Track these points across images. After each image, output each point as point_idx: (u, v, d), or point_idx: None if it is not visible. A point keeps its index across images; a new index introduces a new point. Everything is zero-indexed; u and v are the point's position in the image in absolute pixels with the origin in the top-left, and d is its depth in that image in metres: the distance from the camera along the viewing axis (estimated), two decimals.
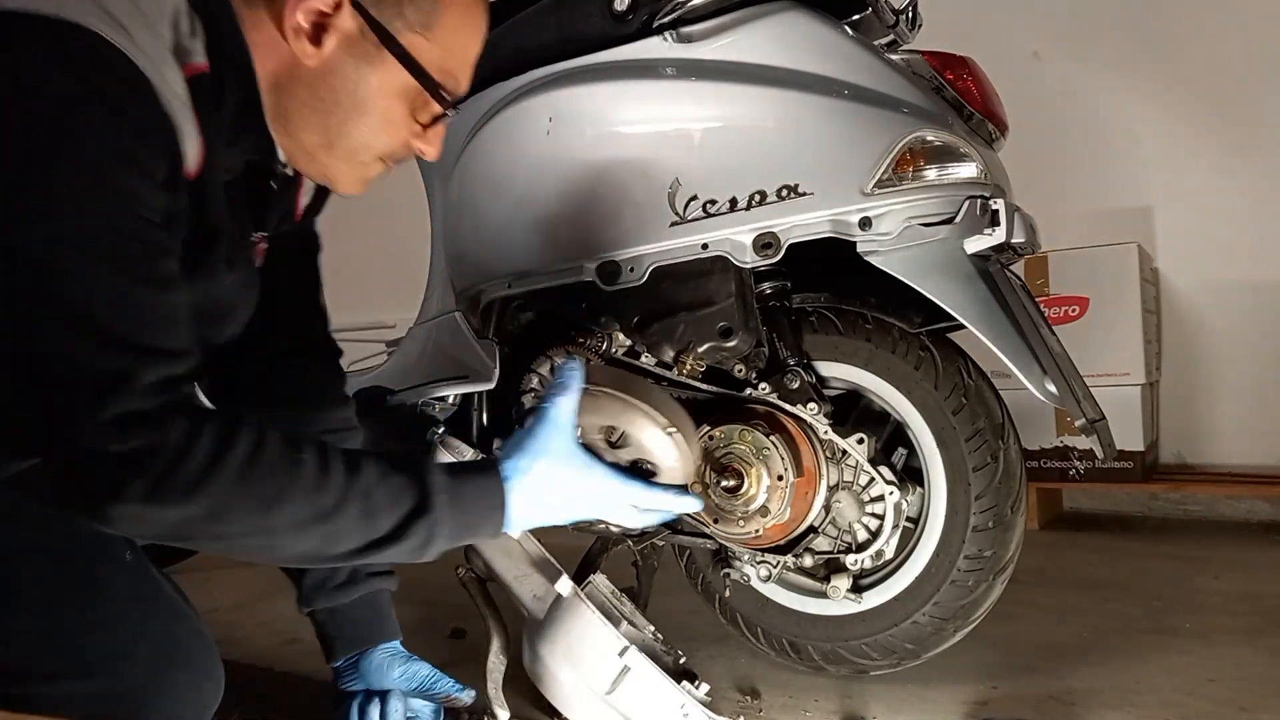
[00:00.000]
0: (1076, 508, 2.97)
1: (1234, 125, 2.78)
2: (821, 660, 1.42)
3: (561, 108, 1.34)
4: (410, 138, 0.95)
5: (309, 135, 0.92)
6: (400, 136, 0.95)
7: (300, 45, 0.86)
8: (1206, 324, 2.85)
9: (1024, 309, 1.26)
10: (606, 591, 1.34)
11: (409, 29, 0.88)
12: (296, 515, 0.81)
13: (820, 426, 1.31)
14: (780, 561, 1.37)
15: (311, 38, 0.87)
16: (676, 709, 1.15)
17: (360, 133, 0.92)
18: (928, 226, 1.23)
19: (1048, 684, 1.41)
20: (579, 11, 1.37)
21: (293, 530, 0.81)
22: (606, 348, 1.43)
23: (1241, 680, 1.41)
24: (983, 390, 1.33)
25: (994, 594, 1.33)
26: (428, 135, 0.96)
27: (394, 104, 0.92)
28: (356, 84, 0.89)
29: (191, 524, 0.77)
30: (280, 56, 0.88)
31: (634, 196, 1.31)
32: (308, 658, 1.60)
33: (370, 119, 0.91)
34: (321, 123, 0.91)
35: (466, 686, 1.24)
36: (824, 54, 1.27)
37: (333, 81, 0.89)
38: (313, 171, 0.97)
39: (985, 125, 1.36)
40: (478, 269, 1.48)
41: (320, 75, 0.88)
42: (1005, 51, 2.40)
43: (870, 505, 1.35)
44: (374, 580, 1.23)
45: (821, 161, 1.24)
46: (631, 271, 1.33)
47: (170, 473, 0.75)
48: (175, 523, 0.77)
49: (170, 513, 0.76)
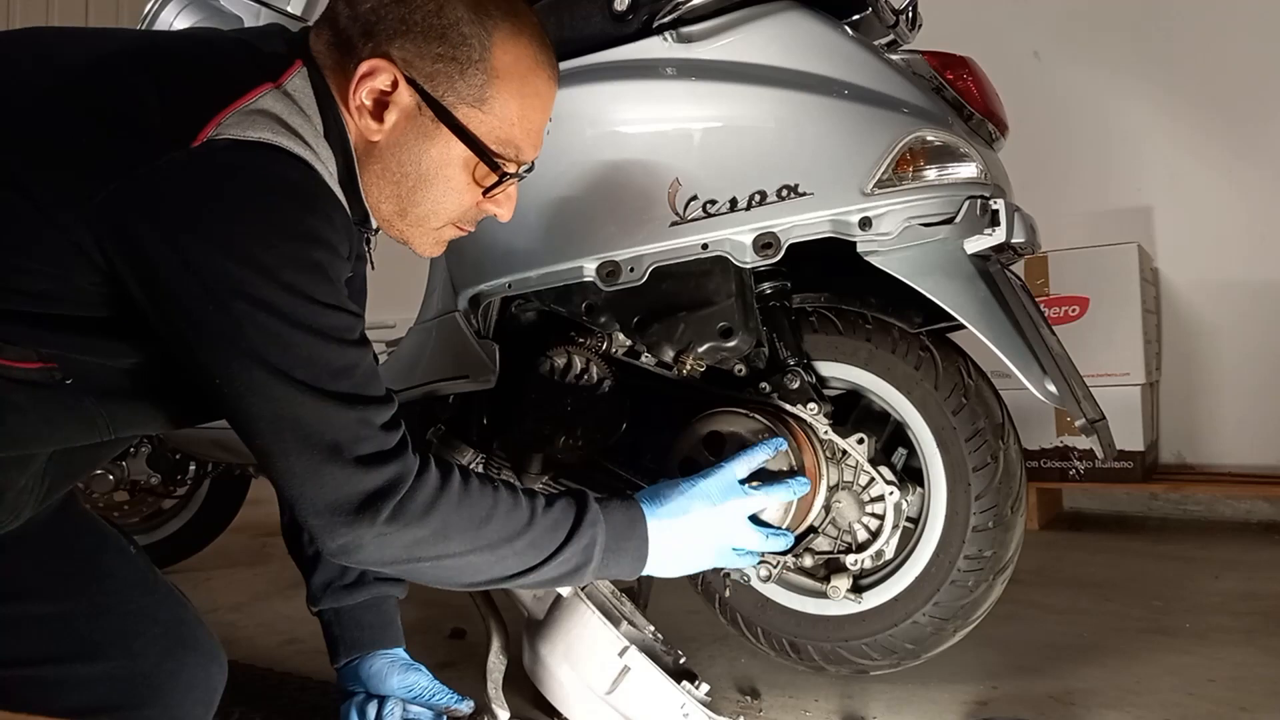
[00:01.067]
0: (1076, 508, 2.97)
1: (1234, 125, 2.78)
2: (821, 660, 1.42)
3: (561, 108, 1.34)
4: (478, 201, 1.01)
5: (385, 204, 0.99)
6: (467, 201, 1.00)
7: (365, 122, 0.93)
8: (1206, 324, 2.85)
9: (1024, 309, 1.26)
10: (606, 591, 1.34)
11: (463, 102, 0.93)
12: (501, 532, 0.93)
13: (820, 426, 1.31)
14: (780, 562, 1.37)
15: (374, 115, 0.93)
16: (676, 709, 1.15)
17: (429, 200, 0.98)
18: (928, 226, 1.23)
19: (1048, 684, 1.41)
20: (579, 11, 1.37)
21: (499, 545, 0.93)
22: (606, 348, 1.43)
23: (1241, 680, 1.41)
24: (983, 390, 1.33)
25: (994, 594, 1.33)
26: (496, 198, 1.02)
27: (456, 173, 0.97)
28: (419, 156, 0.95)
29: (423, 543, 0.90)
30: (355, 132, 0.95)
31: (634, 196, 1.31)
32: (308, 658, 1.60)
33: (436, 188, 0.97)
34: (394, 192, 0.97)
35: (465, 697, 1.24)
36: (824, 54, 1.26)
37: (399, 154, 0.95)
38: (393, 235, 1.03)
39: (985, 125, 1.36)
40: (478, 269, 1.48)
41: (388, 148, 0.95)
42: (1005, 51, 2.41)
43: (870, 505, 1.34)
44: (381, 585, 1.24)
45: (821, 161, 1.24)
46: (631, 271, 1.33)
47: (410, 498, 0.88)
48: (410, 543, 0.89)
49: (409, 533, 0.88)
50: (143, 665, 0.96)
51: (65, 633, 0.94)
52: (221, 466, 2.22)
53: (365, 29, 0.91)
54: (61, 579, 0.97)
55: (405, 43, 0.90)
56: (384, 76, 0.91)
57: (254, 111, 0.83)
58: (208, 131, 0.80)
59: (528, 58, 0.96)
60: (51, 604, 0.94)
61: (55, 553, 0.98)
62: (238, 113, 0.82)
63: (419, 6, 0.90)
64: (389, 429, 0.88)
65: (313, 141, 0.88)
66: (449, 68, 0.92)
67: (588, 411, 1.41)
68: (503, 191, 1.01)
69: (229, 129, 0.80)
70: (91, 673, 0.93)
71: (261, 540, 2.66)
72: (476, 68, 0.92)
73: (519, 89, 0.96)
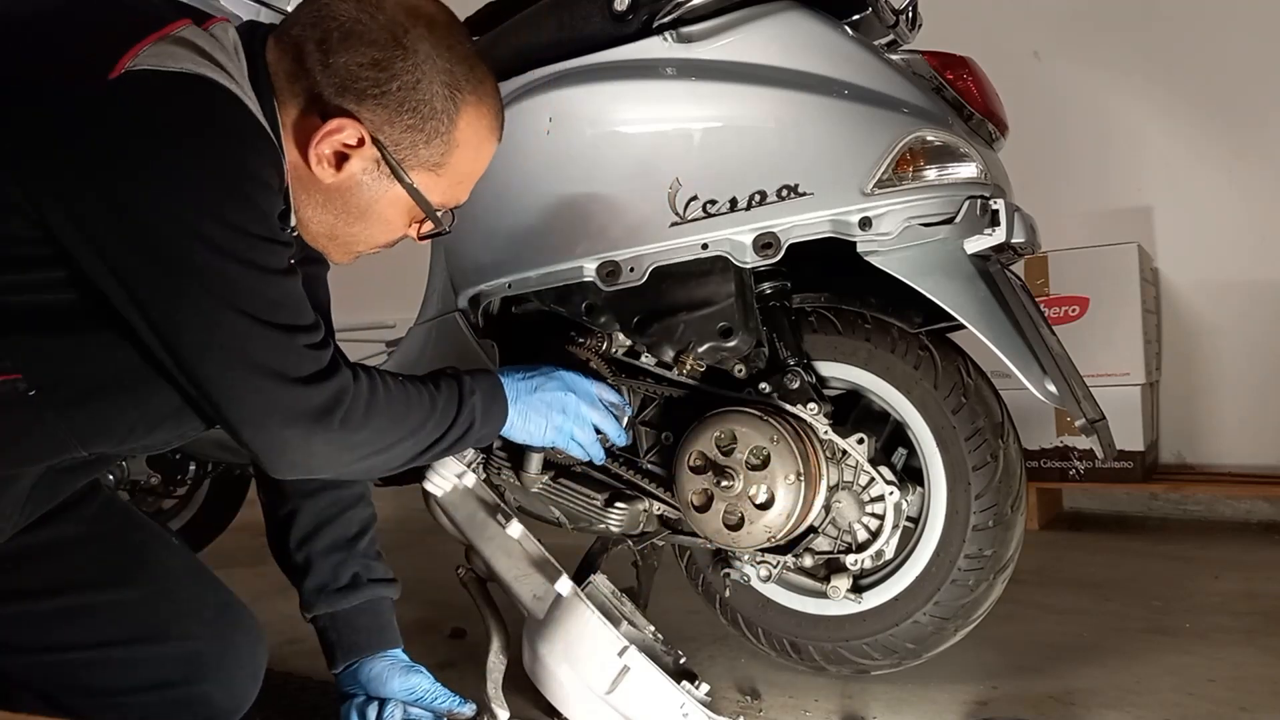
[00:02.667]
0: (1076, 508, 2.97)
1: (1234, 125, 2.78)
2: (822, 660, 1.42)
3: (561, 108, 1.34)
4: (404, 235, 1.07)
5: (316, 226, 1.02)
6: (396, 236, 1.06)
7: (321, 169, 0.96)
8: (1206, 324, 2.84)
9: (1024, 309, 1.26)
10: (606, 591, 1.34)
11: (421, 166, 0.98)
12: (419, 417, 1.02)
13: (820, 426, 1.31)
14: (780, 562, 1.37)
15: (333, 164, 0.96)
16: (676, 709, 1.15)
17: (363, 233, 1.03)
18: (928, 226, 1.23)
19: (1048, 684, 1.41)
20: (579, 11, 1.37)
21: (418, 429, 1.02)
22: (606, 348, 1.43)
23: (1241, 680, 1.41)
24: (982, 389, 1.33)
25: (994, 593, 1.33)
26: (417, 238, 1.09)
27: (396, 217, 1.02)
28: (367, 201, 0.99)
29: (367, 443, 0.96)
30: (295, 160, 0.96)
31: (634, 197, 1.31)
32: (307, 658, 1.60)
33: (373, 225, 1.02)
34: (331, 221, 1.01)
35: (467, 700, 1.24)
36: (824, 54, 1.26)
37: (346, 196, 0.98)
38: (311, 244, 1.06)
39: (985, 125, 1.36)
40: (478, 269, 1.48)
41: (335, 190, 0.98)
42: (1005, 51, 2.40)
43: (870, 505, 1.34)
44: (376, 587, 1.25)
45: (821, 161, 1.24)
46: (631, 271, 1.33)
47: (354, 405, 0.94)
48: (357, 444, 0.95)
49: (356, 436, 0.95)
50: (199, 645, 1.03)
51: (128, 618, 1.02)
52: (221, 466, 2.22)
53: (339, 84, 0.93)
54: (118, 570, 1.05)
55: (378, 109, 0.93)
56: (350, 133, 0.93)
57: (175, 39, 0.82)
58: (124, 63, 0.78)
59: (484, 129, 1.02)
60: (113, 593, 1.01)
61: (110, 547, 1.05)
62: (156, 43, 0.81)
63: (396, 76, 0.93)
64: (322, 348, 0.93)
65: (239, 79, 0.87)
66: (415, 137, 0.96)
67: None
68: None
69: (147, 59, 0.80)
70: (155, 653, 1.02)
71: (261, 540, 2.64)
72: (441, 139, 0.98)
73: (473, 155, 1.02)
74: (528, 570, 1.28)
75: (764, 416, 1.27)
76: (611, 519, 1.38)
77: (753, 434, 1.26)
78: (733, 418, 1.29)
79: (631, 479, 1.40)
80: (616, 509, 1.38)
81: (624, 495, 1.40)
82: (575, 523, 1.43)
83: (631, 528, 1.40)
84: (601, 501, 1.38)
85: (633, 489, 1.40)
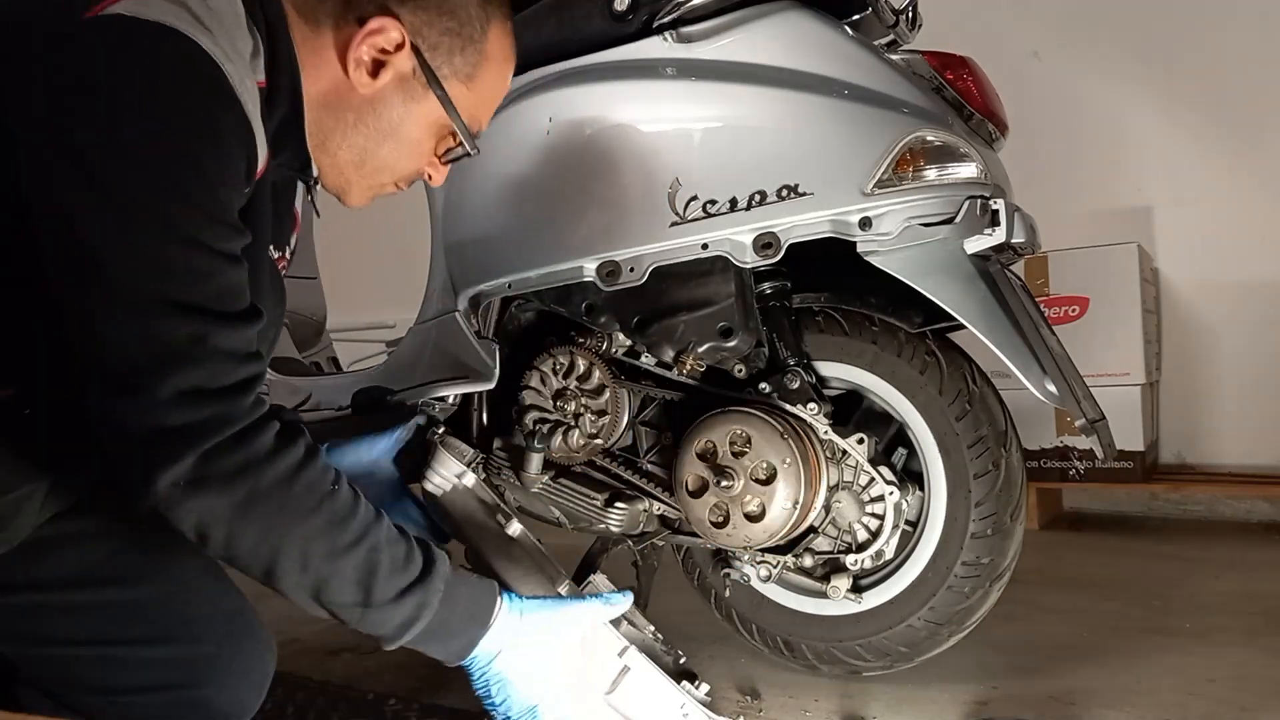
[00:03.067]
0: (1076, 508, 2.97)
1: (1234, 125, 2.78)
2: (815, 659, 1.42)
3: (561, 108, 1.34)
4: (426, 165, 1.04)
5: (345, 153, 0.99)
6: (421, 163, 1.03)
7: (359, 75, 0.93)
8: (1206, 324, 2.84)
9: (1024, 309, 1.26)
10: (606, 591, 1.34)
11: (454, 76, 0.97)
12: (310, 543, 0.81)
13: (820, 426, 1.31)
14: (780, 562, 1.37)
15: (370, 71, 0.94)
16: (676, 709, 1.15)
17: (390, 156, 1.00)
18: (928, 226, 1.23)
19: (1048, 684, 1.41)
20: (579, 11, 1.37)
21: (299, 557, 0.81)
22: (606, 348, 1.43)
23: (1241, 680, 1.41)
24: (987, 397, 1.33)
25: (990, 600, 1.33)
26: (440, 164, 1.05)
27: (425, 137, 1.00)
28: (400, 116, 0.97)
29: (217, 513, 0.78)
30: (332, 80, 0.94)
31: (634, 196, 1.31)
32: (307, 658, 1.61)
33: (402, 146, 0.99)
34: (360, 144, 0.98)
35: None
36: (824, 54, 1.26)
37: (379, 109, 0.96)
38: (331, 181, 1.03)
39: (985, 125, 1.36)
40: (478, 269, 1.48)
41: (369, 102, 0.96)
42: (1005, 51, 2.41)
43: (870, 505, 1.34)
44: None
45: (821, 161, 1.24)
46: (631, 271, 1.33)
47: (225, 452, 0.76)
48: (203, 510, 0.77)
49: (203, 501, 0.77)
50: (206, 649, 1.01)
51: (137, 617, 0.99)
52: None
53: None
54: (136, 568, 1.01)
55: (418, 9, 0.93)
56: (392, 36, 0.92)
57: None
58: (104, 7, 0.76)
59: (509, 47, 1.03)
60: (128, 591, 0.99)
61: (130, 545, 1.02)
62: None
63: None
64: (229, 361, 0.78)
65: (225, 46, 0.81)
66: (452, 42, 0.96)
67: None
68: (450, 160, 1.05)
69: (127, 5, 0.76)
70: (163, 654, 0.99)
71: None
72: (474, 47, 0.97)
73: (498, 71, 1.02)
74: (527, 570, 1.28)
75: (764, 416, 1.26)
76: (611, 519, 1.38)
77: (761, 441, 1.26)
78: (736, 418, 1.29)
79: (631, 479, 1.40)
80: (616, 509, 1.38)
81: (624, 495, 1.40)
82: (575, 523, 1.43)
83: (631, 528, 1.40)
84: (601, 501, 1.38)
85: (633, 489, 1.40)
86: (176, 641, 1.00)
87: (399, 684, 1.49)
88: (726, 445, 1.28)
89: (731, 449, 1.28)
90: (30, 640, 0.99)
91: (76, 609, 0.98)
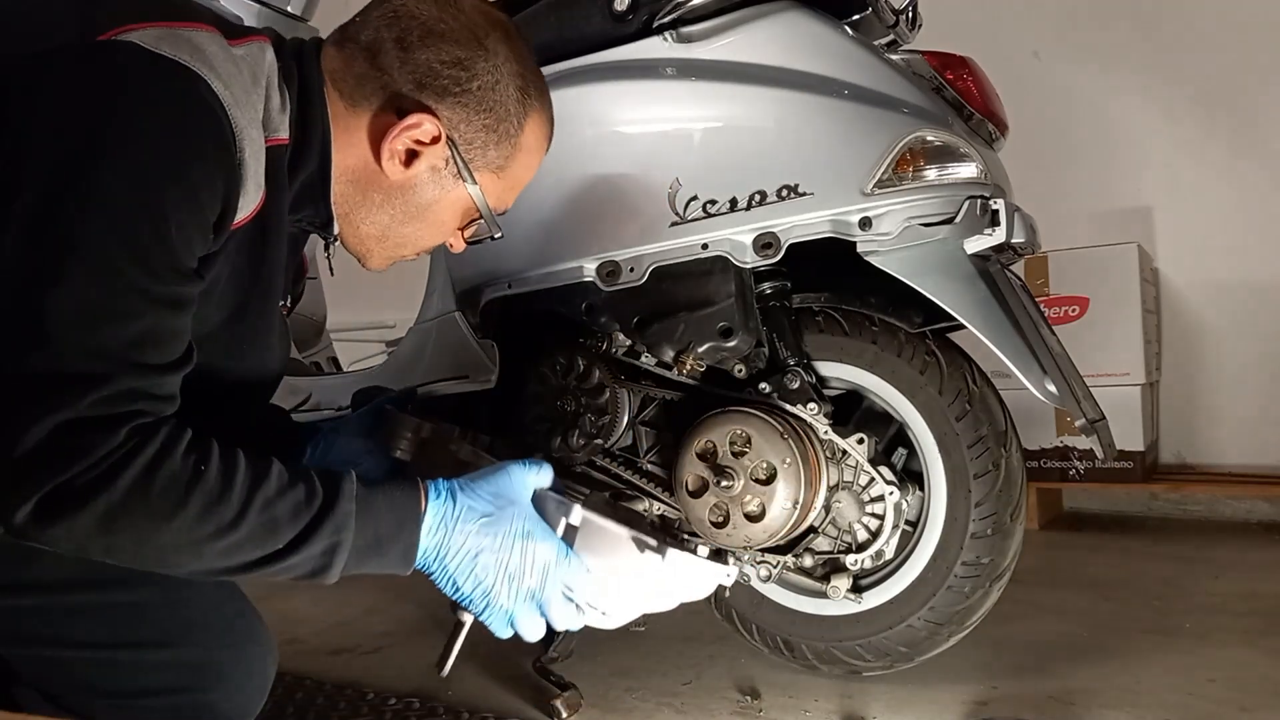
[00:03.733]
0: (1076, 508, 2.97)
1: (1234, 125, 2.78)
2: (815, 659, 1.42)
3: (561, 108, 1.34)
4: (449, 238, 1.06)
5: (368, 228, 1.01)
6: (443, 239, 1.06)
7: (392, 165, 0.95)
8: (1206, 324, 2.84)
9: (1024, 309, 1.26)
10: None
11: (487, 167, 0.99)
12: (193, 531, 0.78)
13: (820, 426, 1.31)
14: (780, 562, 1.37)
15: (403, 160, 0.95)
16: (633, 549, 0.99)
17: (414, 234, 1.02)
18: (928, 226, 1.23)
19: (1048, 684, 1.41)
20: (579, 11, 1.37)
21: (187, 546, 0.79)
22: (606, 348, 1.43)
23: (1241, 680, 1.41)
24: (987, 397, 1.33)
25: (989, 601, 1.33)
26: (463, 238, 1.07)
27: (451, 219, 1.03)
28: (428, 201, 0.99)
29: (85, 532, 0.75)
30: (361, 159, 0.96)
31: (634, 197, 1.31)
32: (307, 658, 1.61)
33: (427, 225, 1.02)
34: (385, 221, 1.00)
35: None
36: (824, 54, 1.27)
37: (407, 195, 0.98)
38: (353, 245, 1.04)
39: (985, 125, 1.36)
40: (478, 269, 1.48)
41: (398, 187, 0.98)
42: (1005, 51, 2.40)
43: (870, 505, 1.34)
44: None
45: (821, 161, 1.24)
46: (631, 271, 1.33)
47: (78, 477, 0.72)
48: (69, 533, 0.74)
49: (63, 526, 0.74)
50: (209, 654, 1.01)
51: (142, 621, 0.99)
52: None
53: (417, 81, 0.93)
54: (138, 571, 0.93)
55: (457, 106, 0.94)
56: (428, 129, 0.93)
57: (181, 36, 0.78)
58: (115, 33, 0.76)
59: (544, 136, 1.04)
60: (130, 593, 0.98)
61: None
62: (164, 28, 0.77)
63: (477, 76, 0.94)
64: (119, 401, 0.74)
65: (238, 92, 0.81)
66: (488, 137, 0.97)
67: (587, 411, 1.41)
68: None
69: (139, 36, 0.76)
70: (163, 658, 0.99)
71: None
72: (509, 141, 0.99)
73: (530, 161, 1.04)
74: None
75: (764, 416, 1.26)
76: None
77: (761, 441, 1.26)
78: (736, 418, 1.28)
79: (631, 479, 1.40)
80: None
81: (624, 495, 1.40)
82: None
83: None
84: None
85: (632, 489, 1.40)
86: (178, 645, 1.00)
87: (399, 684, 1.49)
88: (726, 445, 1.28)
89: (731, 449, 1.28)
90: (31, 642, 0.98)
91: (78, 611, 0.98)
